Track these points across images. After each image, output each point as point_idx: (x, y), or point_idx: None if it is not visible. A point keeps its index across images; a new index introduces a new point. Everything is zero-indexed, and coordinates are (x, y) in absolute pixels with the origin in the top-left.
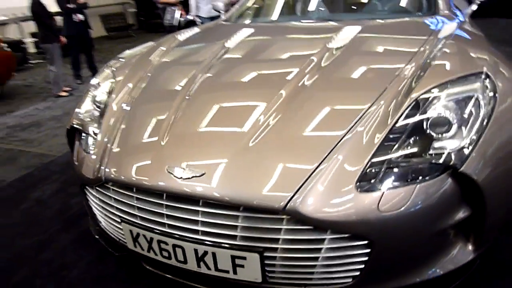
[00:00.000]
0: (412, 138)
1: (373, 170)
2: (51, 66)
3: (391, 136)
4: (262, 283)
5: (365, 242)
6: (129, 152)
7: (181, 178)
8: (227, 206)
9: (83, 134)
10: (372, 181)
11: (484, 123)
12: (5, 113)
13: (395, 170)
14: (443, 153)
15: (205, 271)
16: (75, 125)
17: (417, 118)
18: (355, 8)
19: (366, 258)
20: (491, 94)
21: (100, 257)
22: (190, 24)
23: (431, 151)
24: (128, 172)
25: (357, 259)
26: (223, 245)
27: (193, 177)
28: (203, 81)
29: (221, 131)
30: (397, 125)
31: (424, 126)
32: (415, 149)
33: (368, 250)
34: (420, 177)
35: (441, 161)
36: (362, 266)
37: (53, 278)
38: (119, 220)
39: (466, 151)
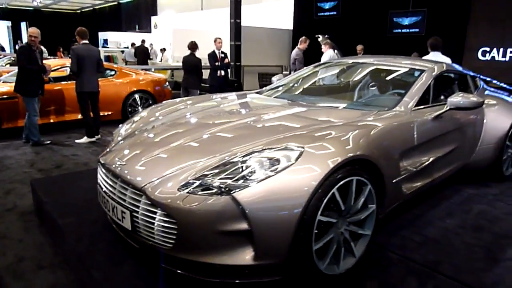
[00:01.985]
0: (225, 173)
1: (192, 182)
2: None
3: (219, 167)
4: (131, 231)
5: (174, 220)
6: (110, 151)
7: (115, 164)
8: (127, 182)
9: None
10: (188, 187)
11: (274, 175)
12: None
13: (203, 186)
14: (232, 184)
15: (115, 218)
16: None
17: (235, 162)
18: (335, 96)
19: (176, 232)
20: (293, 161)
21: None
22: None
23: (228, 182)
24: (104, 158)
25: (172, 231)
26: (120, 203)
27: (120, 164)
28: (172, 121)
29: (148, 145)
30: (226, 163)
31: (239, 168)
32: (221, 179)
33: (176, 227)
34: (214, 194)
35: (227, 187)
36: (175, 237)
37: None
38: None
39: (246, 187)
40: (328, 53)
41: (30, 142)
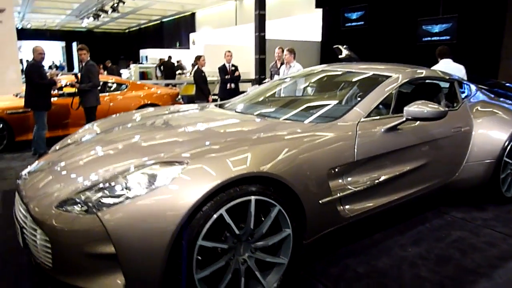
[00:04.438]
0: (106, 189)
1: (71, 199)
2: None
3: (103, 182)
4: (23, 246)
5: (48, 239)
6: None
7: (22, 179)
8: (22, 197)
9: None
10: (66, 204)
11: (146, 193)
12: None
13: (79, 203)
14: (103, 202)
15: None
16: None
17: (119, 177)
18: (293, 107)
19: (51, 251)
20: (171, 179)
21: None
22: None
23: (102, 199)
24: (21, 172)
25: (49, 250)
26: (17, 219)
27: (24, 178)
28: (100, 135)
29: (59, 160)
30: (112, 178)
31: (120, 184)
32: (98, 196)
33: (50, 246)
34: (82, 212)
35: (95, 205)
36: (51, 256)
37: None
38: None
39: (114, 205)
40: (297, 66)
41: (37, 154)
